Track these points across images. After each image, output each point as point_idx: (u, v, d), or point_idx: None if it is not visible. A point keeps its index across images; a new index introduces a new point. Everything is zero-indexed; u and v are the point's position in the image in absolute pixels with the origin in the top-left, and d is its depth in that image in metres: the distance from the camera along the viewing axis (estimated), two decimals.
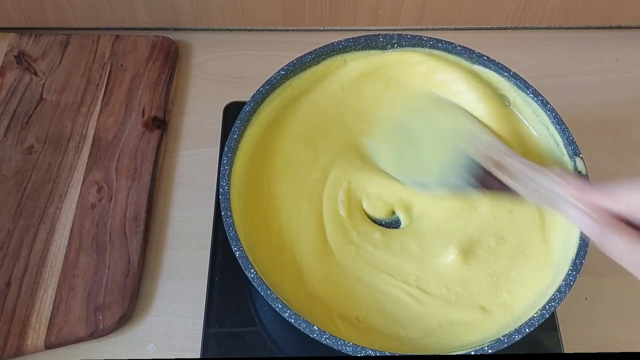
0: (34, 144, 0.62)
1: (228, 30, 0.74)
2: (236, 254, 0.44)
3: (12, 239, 0.56)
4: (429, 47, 0.55)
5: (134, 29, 0.73)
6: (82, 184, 0.59)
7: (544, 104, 0.52)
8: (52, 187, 0.59)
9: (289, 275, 0.48)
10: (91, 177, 0.60)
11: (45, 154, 0.61)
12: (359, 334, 0.46)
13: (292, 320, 0.42)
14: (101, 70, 0.67)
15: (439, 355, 0.45)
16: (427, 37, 0.55)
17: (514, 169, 0.45)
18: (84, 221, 0.57)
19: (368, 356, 0.41)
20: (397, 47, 0.56)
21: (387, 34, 0.55)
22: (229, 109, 0.65)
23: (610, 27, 0.76)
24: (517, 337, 0.43)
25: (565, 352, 0.53)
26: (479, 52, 0.54)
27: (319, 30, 0.74)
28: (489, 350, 0.42)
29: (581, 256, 0.46)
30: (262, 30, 0.74)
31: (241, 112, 0.51)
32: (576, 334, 0.55)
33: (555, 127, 0.51)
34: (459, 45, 0.55)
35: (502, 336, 0.43)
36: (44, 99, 0.65)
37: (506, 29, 0.75)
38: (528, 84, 0.53)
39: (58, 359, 0.52)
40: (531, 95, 0.53)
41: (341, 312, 0.47)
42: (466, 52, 0.54)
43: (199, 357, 0.52)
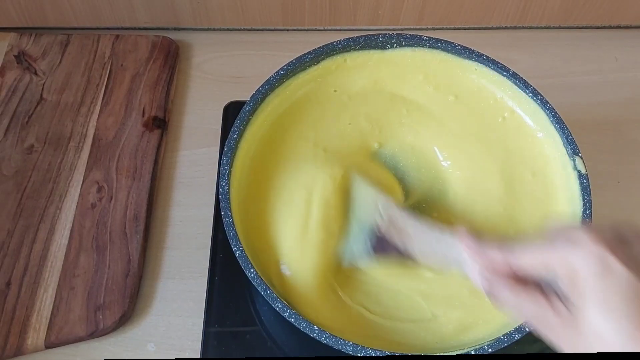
0: (34, 143, 0.62)
1: (228, 30, 0.74)
2: (236, 254, 0.44)
3: (12, 238, 0.56)
4: (428, 47, 0.55)
5: (134, 28, 0.73)
6: (82, 184, 0.59)
7: (544, 103, 0.52)
8: (52, 187, 0.59)
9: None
10: (91, 176, 0.60)
11: (45, 153, 0.61)
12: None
13: (292, 320, 0.42)
14: (101, 70, 0.67)
15: (439, 355, 0.45)
16: (427, 37, 0.55)
17: (411, 231, 0.45)
18: (84, 221, 0.57)
19: (368, 356, 0.41)
20: (396, 46, 0.56)
21: (386, 34, 0.55)
22: (229, 108, 0.65)
23: (610, 27, 0.76)
24: (517, 337, 0.43)
25: (565, 352, 0.53)
26: (478, 52, 0.54)
27: (318, 30, 0.74)
28: (489, 350, 0.42)
29: None
30: (262, 30, 0.74)
31: (241, 112, 0.51)
32: None
33: (555, 126, 0.51)
34: (458, 45, 0.55)
35: (502, 335, 0.43)
36: (44, 99, 0.65)
37: (506, 28, 0.75)
38: (528, 83, 0.53)
39: (58, 358, 0.52)
40: (530, 95, 0.53)
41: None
42: (466, 52, 0.54)
43: (199, 356, 0.52)
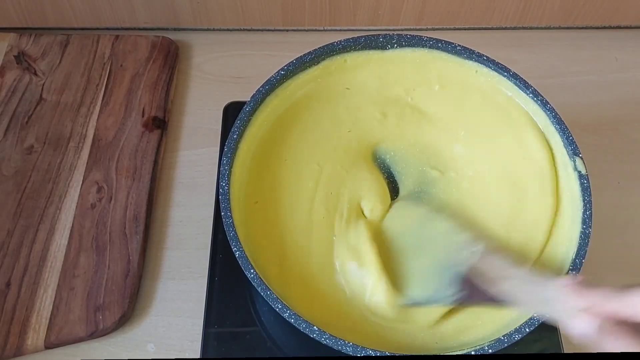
0: (34, 144, 0.62)
1: (228, 30, 0.74)
2: (236, 254, 0.44)
3: (12, 239, 0.56)
4: (429, 47, 0.55)
5: (134, 29, 0.73)
6: (82, 184, 0.59)
7: (544, 103, 0.52)
8: (52, 187, 0.59)
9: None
10: (91, 177, 0.60)
11: (45, 154, 0.61)
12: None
13: (292, 320, 0.42)
14: (101, 70, 0.67)
15: (439, 355, 0.45)
16: (427, 37, 0.55)
17: (509, 275, 0.43)
18: (84, 221, 0.57)
19: (368, 356, 0.41)
20: (397, 47, 0.56)
21: (386, 34, 0.55)
22: (228, 109, 0.65)
23: (610, 27, 0.76)
24: (517, 337, 0.43)
25: (565, 352, 0.53)
26: (478, 52, 0.54)
27: (318, 30, 0.74)
28: (489, 350, 0.42)
29: (581, 256, 0.46)
30: (262, 30, 0.74)
31: (241, 112, 0.51)
32: None
33: (555, 127, 0.51)
34: (458, 45, 0.55)
35: (502, 336, 0.43)
36: (43, 99, 0.65)
37: (506, 28, 0.75)
38: (528, 83, 0.53)
39: (58, 359, 0.52)
40: (531, 95, 0.53)
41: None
42: (466, 52, 0.54)
43: (198, 357, 0.52)
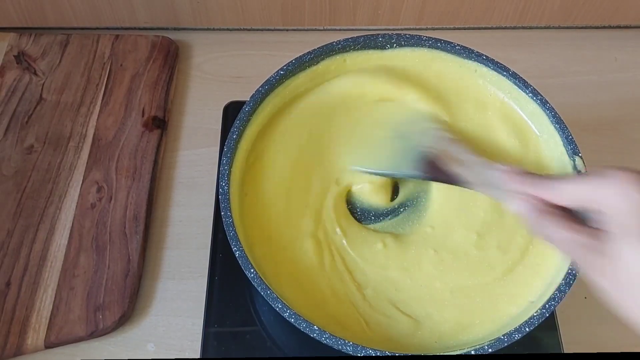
0: (34, 143, 0.62)
1: (228, 30, 0.74)
2: (236, 254, 0.44)
3: (12, 238, 0.56)
4: (428, 47, 0.55)
5: (134, 28, 0.73)
6: (82, 184, 0.59)
7: (543, 103, 0.52)
8: (52, 187, 0.59)
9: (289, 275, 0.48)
10: (91, 177, 0.60)
11: (45, 153, 0.61)
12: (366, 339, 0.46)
13: (292, 320, 0.42)
14: (101, 70, 0.67)
15: (439, 355, 0.45)
16: (427, 37, 0.55)
17: (463, 160, 0.47)
18: (83, 221, 0.57)
19: (368, 356, 0.41)
20: (396, 46, 0.56)
21: (386, 34, 0.55)
22: (228, 108, 0.65)
23: (610, 27, 0.76)
24: (517, 336, 0.43)
25: (565, 352, 0.53)
26: (478, 52, 0.54)
27: (318, 30, 0.74)
28: (489, 350, 0.42)
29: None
30: (262, 30, 0.74)
31: (241, 112, 0.51)
32: (576, 333, 0.55)
33: (555, 126, 0.51)
34: (458, 45, 0.55)
35: (502, 335, 0.43)
36: (43, 99, 0.65)
37: (506, 28, 0.75)
38: (527, 83, 0.53)
39: (58, 358, 0.52)
40: (530, 95, 0.53)
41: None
42: (466, 52, 0.54)
43: (198, 356, 0.52)
